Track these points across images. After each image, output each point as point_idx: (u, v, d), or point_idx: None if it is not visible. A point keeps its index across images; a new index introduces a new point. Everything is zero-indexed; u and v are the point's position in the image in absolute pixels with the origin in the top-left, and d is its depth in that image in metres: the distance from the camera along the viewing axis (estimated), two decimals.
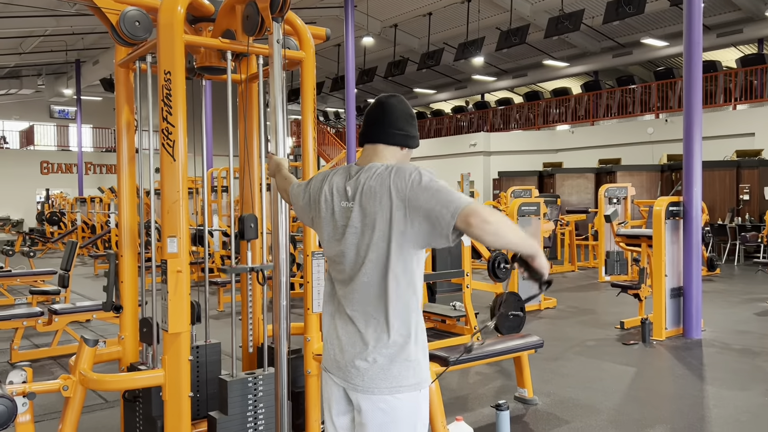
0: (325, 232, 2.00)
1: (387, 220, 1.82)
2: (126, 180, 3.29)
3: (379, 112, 2.01)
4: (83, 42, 21.16)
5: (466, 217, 1.69)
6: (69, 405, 2.83)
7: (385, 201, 1.82)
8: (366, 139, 2.03)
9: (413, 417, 1.88)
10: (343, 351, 1.91)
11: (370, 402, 1.86)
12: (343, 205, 1.94)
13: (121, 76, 3.29)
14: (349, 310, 1.92)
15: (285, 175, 2.39)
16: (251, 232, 3.03)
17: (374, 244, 1.85)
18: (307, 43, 3.14)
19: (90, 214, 17.68)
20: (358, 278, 1.89)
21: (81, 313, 6.06)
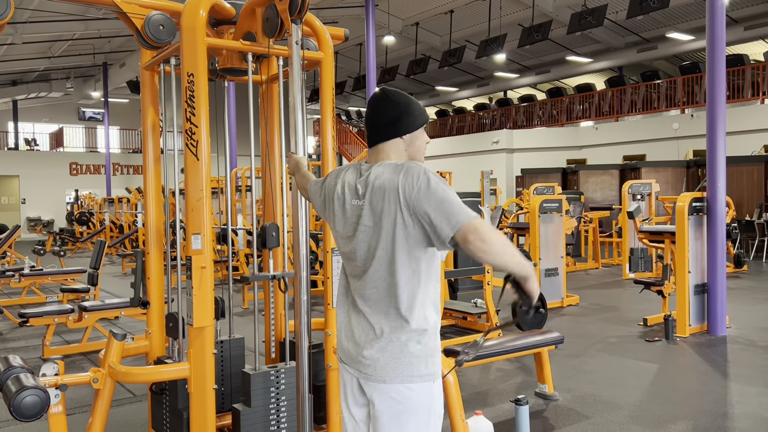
0: (339, 228, 2.06)
1: (393, 219, 1.88)
2: (152, 180, 3.39)
3: (369, 113, 2.07)
4: (110, 45, 21.56)
5: (465, 234, 1.75)
6: (99, 397, 2.93)
7: (393, 201, 1.87)
8: (369, 142, 2.08)
9: (426, 408, 1.92)
10: (356, 342, 1.97)
11: (382, 392, 1.90)
12: (354, 203, 1.99)
13: (146, 79, 3.39)
14: (362, 303, 1.98)
15: (304, 173, 2.46)
16: (273, 241, 3.10)
17: (382, 241, 1.90)
18: (325, 44, 3.20)
19: (117, 214, 18.03)
20: (369, 273, 1.95)
21: (110, 310, 6.22)
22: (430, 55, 20.30)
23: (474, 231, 1.74)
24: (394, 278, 1.90)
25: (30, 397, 2.54)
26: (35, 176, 25.78)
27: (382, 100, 2.04)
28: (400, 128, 2.02)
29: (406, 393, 1.89)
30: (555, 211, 8.01)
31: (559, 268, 7.91)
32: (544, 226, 7.87)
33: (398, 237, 1.88)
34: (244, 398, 3.01)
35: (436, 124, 27.94)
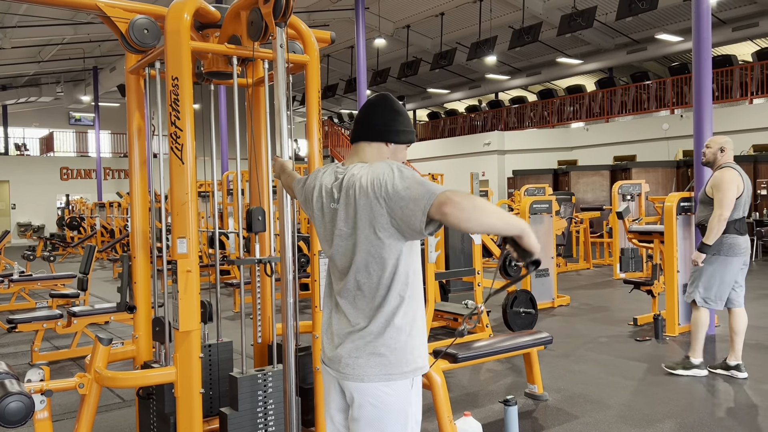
0: (319, 230, 2.07)
1: (368, 219, 1.86)
2: (138, 184, 3.38)
3: (361, 112, 2.08)
4: (100, 49, 21.50)
5: (439, 207, 1.66)
6: (85, 402, 2.92)
7: (364, 201, 1.87)
8: (352, 139, 2.09)
9: (404, 413, 1.92)
10: (335, 340, 1.98)
11: (361, 393, 1.90)
12: (331, 206, 1.99)
13: (131, 83, 3.38)
14: (343, 303, 1.98)
15: (289, 172, 2.46)
16: (259, 225, 3.09)
17: (360, 243, 1.90)
18: (311, 47, 3.20)
19: (109, 219, 17.95)
20: (349, 274, 1.95)
21: (99, 315, 6.19)
22: (422, 58, 20.35)
23: (448, 202, 1.64)
24: (374, 278, 1.90)
25: (14, 403, 2.53)
26: (25, 181, 25.64)
27: (382, 101, 2.05)
28: (389, 134, 2.03)
29: (383, 397, 1.89)
30: (545, 212, 8.04)
31: (549, 269, 7.94)
32: (535, 227, 7.89)
33: (377, 235, 1.87)
34: (232, 402, 3.01)
35: (428, 126, 27.99)
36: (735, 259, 4.77)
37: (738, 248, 4.77)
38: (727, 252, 4.77)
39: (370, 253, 1.89)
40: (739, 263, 4.81)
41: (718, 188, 4.71)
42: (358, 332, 1.92)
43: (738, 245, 4.76)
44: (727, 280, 4.81)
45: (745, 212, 4.80)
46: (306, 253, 8.17)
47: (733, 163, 4.87)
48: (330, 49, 21.65)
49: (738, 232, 4.76)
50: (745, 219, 4.81)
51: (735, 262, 4.78)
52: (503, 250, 1.79)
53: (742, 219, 4.76)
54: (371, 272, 1.90)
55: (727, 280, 4.81)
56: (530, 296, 6.62)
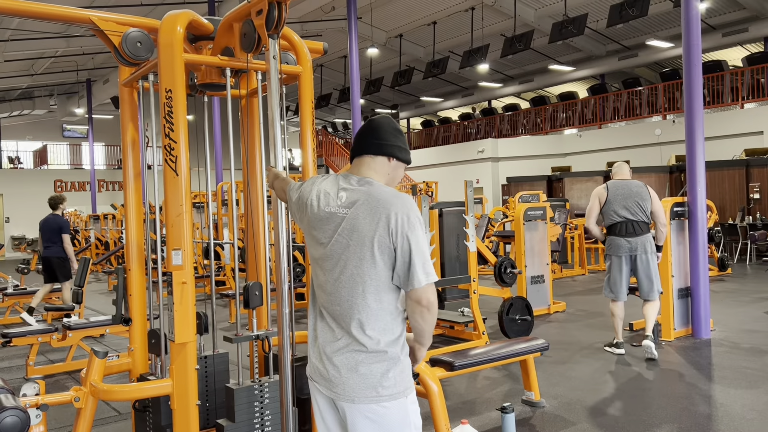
0: (312, 233, 2.06)
1: (370, 241, 1.90)
2: (132, 196, 3.38)
3: (365, 128, 2.11)
4: (93, 62, 21.51)
5: (419, 296, 1.92)
6: (81, 416, 2.90)
7: (373, 225, 1.91)
8: (354, 153, 2.10)
9: (403, 423, 1.92)
10: (323, 359, 1.97)
11: (355, 412, 1.90)
12: (335, 211, 1.99)
13: (125, 95, 3.39)
14: (328, 316, 1.98)
15: (283, 177, 2.47)
16: (256, 300, 3.10)
17: (355, 255, 1.92)
18: (304, 58, 3.23)
19: (103, 231, 17.90)
20: (338, 287, 1.95)
21: (94, 327, 6.17)
22: (415, 66, 20.44)
23: (424, 300, 1.92)
24: (363, 293, 1.91)
25: (10, 418, 2.52)
26: (19, 194, 25.55)
27: (387, 121, 2.10)
28: (394, 151, 2.07)
29: (380, 411, 1.89)
30: (539, 218, 8.06)
31: (545, 276, 7.95)
32: (529, 233, 7.91)
33: (373, 257, 1.90)
34: (228, 413, 3.00)
35: (421, 135, 28.07)
36: (618, 258, 5.72)
37: (619, 248, 5.69)
38: (610, 251, 5.78)
39: (362, 268, 1.92)
40: (625, 261, 5.70)
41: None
42: (346, 351, 1.93)
43: (619, 245, 5.69)
44: (616, 276, 5.77)
45: (629, 217, 5.65)
46: (301, 262, 8.16)
47: (610, 181, 5.90)
48: (323, 58, 21.72)
49: (618, 234, 5.70)
50: (627, 223, 5.66)
51: (619, 260, 5.72)
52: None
53: (622, 223, 5.67)
54: (360, 288, 1.92)
55: (619, 276, 5.76)
56: (526, 303, 6.63)
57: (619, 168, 5.99)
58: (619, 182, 5.81)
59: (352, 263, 1.92)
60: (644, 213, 5.65)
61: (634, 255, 5.66)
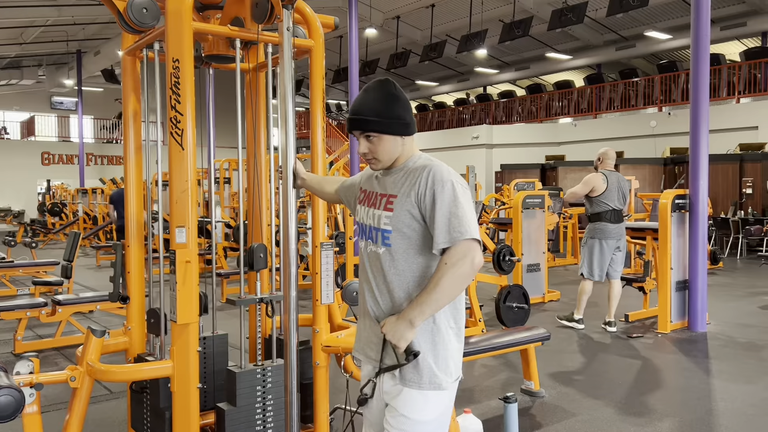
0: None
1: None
2: (133, 170, 3.26)
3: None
4: (84, 32, 21.08)
5: (464, 249, 1.80)
6: (76, 396, 2.80)
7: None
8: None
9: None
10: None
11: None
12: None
13: (127, 65, 3.25)
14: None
15: (313, 176, 2.54)
16: (260, 263, 3.00)
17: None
18: (316, 32, 3.10)
19: (92, 205, 17.66)
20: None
21: (84, 303, 6.04)
22: (411, 49, 20.21)
23: (468, 252, 1.81)
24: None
25: (4, 398, 2.42)
26: (5, 165, 25.16)
27: (394, 95, 1.97)
28: (401, 129, 1.99)
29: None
30: (537, 206, 8.00)
31: (541, 264, 7.91)
32: (527, 221, 7.85)
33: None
34: (230, 397, 2.91)
35: (416, 119, 27.81)
36: (606, 242, 6.12)
37: (609, 233, 6.10)
38: (599, 235, 6.13)
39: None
40: (611, 245, 6.13)
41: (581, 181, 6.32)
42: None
43: (608, 230, 6.09)
44: (602, 258, 6.17)
45: (617, 206, 6.14)
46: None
47: (605, 171, 6.30)
48: None
49: (609, 221, 6.10)
50: (616, 211, 6.13)
51: (606, 244, 6.13)
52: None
53: (612, 211, 6.11)
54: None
55: (604, 258, 6.17)
56: (523, 291, 6.58)
57: (607, 156, 6.39)
58: (613, 174, 6.25)
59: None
60: (625, 203, 6.26)
61: (618, 239, 6.18)
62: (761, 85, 16.29)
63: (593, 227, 6.19)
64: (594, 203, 6.17)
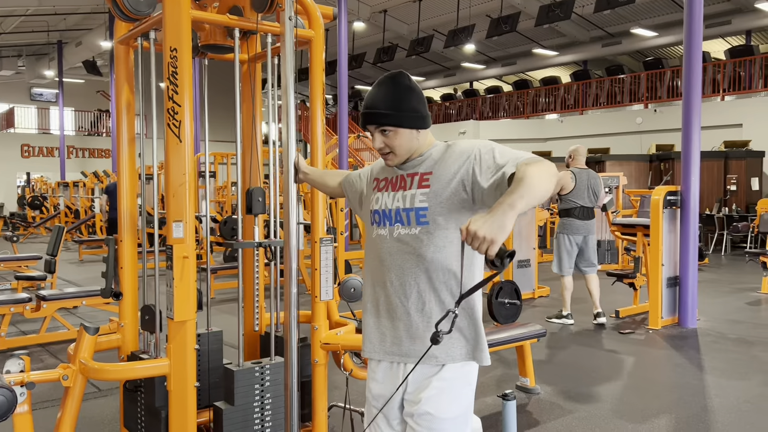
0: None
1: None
2: (126, 162, 3.16)
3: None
4: (65, 23, 20.73)
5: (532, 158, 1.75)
6: (69, 395, 2.72)
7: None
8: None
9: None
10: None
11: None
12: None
13: (120, 54, 3.15)
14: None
15: (314, 169, 2.46)
16: (258, 207, 2.91)
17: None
18: (316, 22, 3.03)
19: (73, 199, 17.39)
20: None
21: (70, 299, 5.92)
22: (398, 44, 20.14)
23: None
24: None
25: None
26: None
27: (409, 87, 1.92)
28: (418, 122, 1.93)
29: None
30: None
31: (531, 260, 7.91)
32: (518, 217, 7.83)
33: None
34: (227, 396, 2.84)
35: None
36: (572, 237, 6.30)
37: (575, 229, 6.27)
38: (566, 231, 6.31)
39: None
40: (577, 240, 6.30)
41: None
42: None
43: (575, 226, 6.27)
44: (569, 253, 6.36)
45: (586, 203, 6.28)
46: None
47: (575, 168, 6.38)
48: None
49: (576, 217, 6.26)
50: (584, 208, 6.29)
51: (572, 239, 6.31)
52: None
53: (581, 208, 6.26)
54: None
55: (570, 253, 6.36)
56: (515, 287, 6.55)
57: (578, 153, 6.49)
58: (583, 172, 6.36)
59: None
60: (595, 200, 6.37)
61: (585, 235, 6.32)
62: (745, 82, 16.45)
63: (561, 223, 6.39)
64: (563, 200, 6.33)
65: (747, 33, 18.61)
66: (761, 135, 14.89)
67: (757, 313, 7.07)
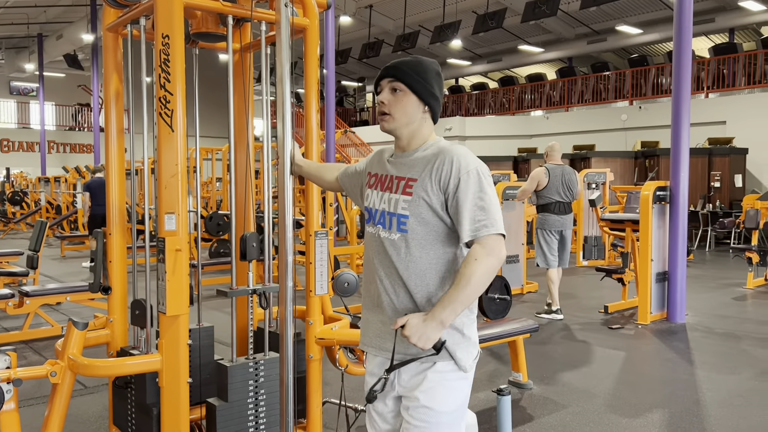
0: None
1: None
2: (115, 154, 3.08)
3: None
4: (46, 15, 20.40)
5: (491, 244, 1.79)
6: (57, 392, 2.64)
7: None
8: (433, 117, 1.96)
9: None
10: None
11: None
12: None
13: (109, 42, 3.06)
14: None
15: (309, 162, 2.44)
16: (253, 253, 2.86)
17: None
18: (311, 11, 2.96)
19: (54, 194, 17.13)
20: None
21: (54, 295, 5.80)
22: (384, 39, 20.06)
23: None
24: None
25: None
26: None
27: (435, 70, 1.93)
28: (430, 99, 1.92)
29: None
30: (517, 198, 7.96)
31: (519, 255, 7.90)
32: (506, 213, 7.82)
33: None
34: (221, 392, 2.78)
35: None
36: (549, 231, 6.45)
37: (551, 224, 6.41)
38: (544, 226, 6.47)
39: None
40: (554, 234, 6.45)
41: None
42: None
43: (551, 221, 6.41)
44: (549, 247, 6.49)
45: (561, 198, 6.40)
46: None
47: (550, 164, 6.50)
48: None
49: (552, 212, 6.41)
50: (560, 203, 6.42)
51: (550, 233, 6.45)
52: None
53: (556, 203, 6.40)
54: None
55: (551, 246, 6.49)
56: (505, 282, 6.53)
57: (553, 150, 6.64)
58: (557, 168, 6.48)
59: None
60: (572, 196, 6.46)
61: (561, 230, 6.45)
62: (728, 80, 16.60)
63: (539, 219, 6.54)
64: (539, 196, 6.49)
65: (730, 31, 18.79)
66: (744, 132, 15.04)
67: (743, 308, 7.13)
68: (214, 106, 12.15)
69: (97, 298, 5.92)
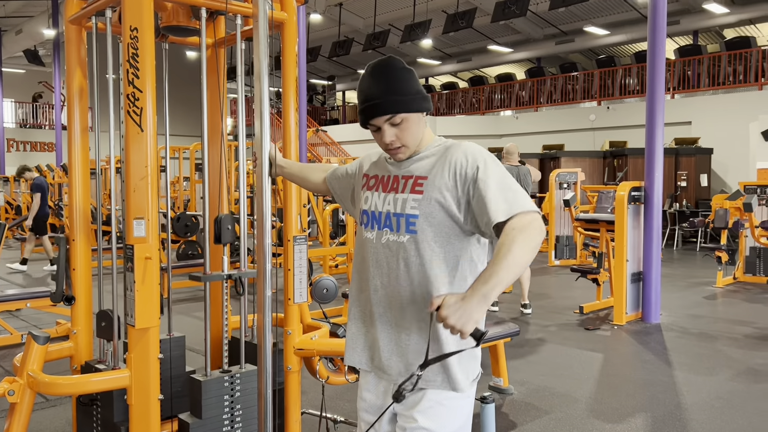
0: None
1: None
2: (78, 154, 2.89)
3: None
4: (5, 9, 19.72)
5: (529, 218, 1.63)
6: (16, 411, 2.45)
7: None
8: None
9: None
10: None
11: None
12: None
13: (72, 35, 2.87)
14: None
15: (292, 162, 2.27)
16: (228, 235, 2.70)
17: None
18: (289, 5, 2.82)
19: (14, 194, 16.56)
20: None
21: (14, 301, 5.53)
22: (354, 38, 19.89)
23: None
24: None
25: None
26: None
27: (406, 69, 1.76)
28: (425, 104, 1.77)
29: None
30: None
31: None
32: None
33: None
34: (193, 408, 2.62)
35: (357, 109, 27.63)
36: None
37: None
38: None
39: None
40: None
41: None
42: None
43: None
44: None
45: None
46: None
47: (507, 166, 6.58)
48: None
49: None
50: None
51: None
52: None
53: None
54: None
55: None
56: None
57: (509, 150, 6.80)
58: (514, 168, 6.60)
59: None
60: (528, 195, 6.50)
61: None
62: (693, 81, 16.88)
63: None
64: None
65: (694, 33, 19.12)
66: (708, 132, 15.30)
67: (715, 307, 7.19)
68: (179, 104, 11.88)
69: (60, 305, 5.67)
